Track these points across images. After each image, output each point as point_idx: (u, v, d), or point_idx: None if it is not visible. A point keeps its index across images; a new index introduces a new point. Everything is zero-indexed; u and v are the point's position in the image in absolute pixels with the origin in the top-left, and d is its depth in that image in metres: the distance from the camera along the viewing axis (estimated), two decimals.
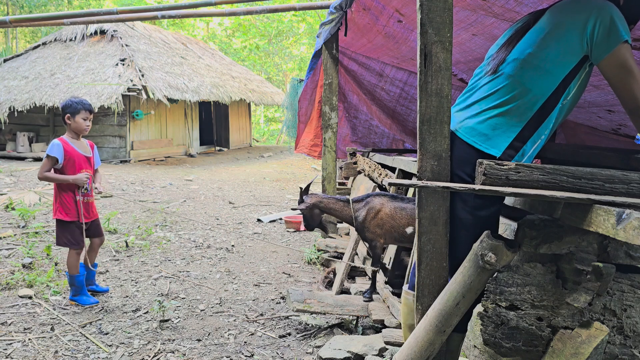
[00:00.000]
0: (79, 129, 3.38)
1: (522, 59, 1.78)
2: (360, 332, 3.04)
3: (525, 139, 1.81)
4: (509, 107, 1.80)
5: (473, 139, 1.83)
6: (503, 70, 1.84)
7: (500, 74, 1.85)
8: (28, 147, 12.50)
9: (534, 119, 1.79)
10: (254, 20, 24.58)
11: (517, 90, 1.78)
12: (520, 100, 1.78)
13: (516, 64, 1.80)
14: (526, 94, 1.77)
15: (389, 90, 5.55)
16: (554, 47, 1.71)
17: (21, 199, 6.50)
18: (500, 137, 1.81)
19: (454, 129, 1.90)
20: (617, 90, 1.69)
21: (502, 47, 1.90)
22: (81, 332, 2.99)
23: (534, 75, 1.75)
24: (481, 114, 1.85)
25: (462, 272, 1.70)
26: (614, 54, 1.62)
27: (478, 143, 1.82)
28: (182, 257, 4.65)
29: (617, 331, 1.76)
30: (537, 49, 1.75)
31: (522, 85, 1.77)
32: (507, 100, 1.80)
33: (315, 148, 6.16)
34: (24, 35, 23.17)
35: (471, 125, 1.86)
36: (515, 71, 1.79)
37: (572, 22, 1.69)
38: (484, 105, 1.86)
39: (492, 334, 1.83)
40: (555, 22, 1.73)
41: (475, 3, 2.65)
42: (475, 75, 2.05)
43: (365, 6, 3.90)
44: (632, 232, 1.31)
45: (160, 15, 5.84)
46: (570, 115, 4.00)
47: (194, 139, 15.29)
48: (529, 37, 1.80)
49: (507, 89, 1.81)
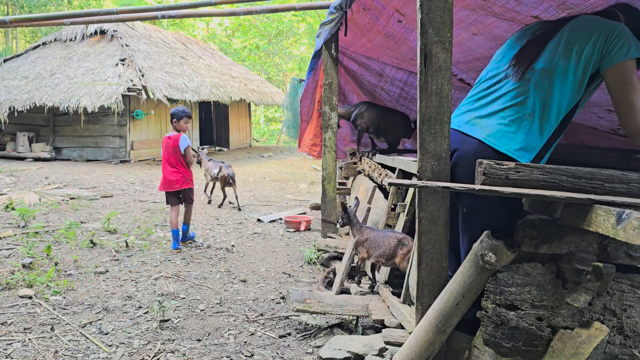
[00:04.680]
0: (182, 129, 4.91)
1: (550, 69, 1.78)
2: (360, 332, 3.04)
3: (548, 148, 1.84)
4: (538, 117, 1.79)
5: (507, 147, 1.80)
6: (531, 79, 1.82)
7: (527, 82, 1.83)
8: (28, 147, 12.51)
9: (557, 129, 1.82)
10: (254, 20, 24.58)
11: (546, 100, 1.78)
12: (549, 110, 1.79)
13: (544, 74, 1.79)
14: (554, 104, 1.78)
15: (389, 90, 5.55)
16: (577, 61, 1.74)
17: (21, 199, 6.50)
18: (532, 146, 1.80)
19: (481, 137, 1.84)
20: (617, 103, 1.71)
21: (523, 53, 1.88)
22: (81, 332, 2.99)
23: (561, 87, 1.77)
24: (513, 124, 1.81)
25: (462, 272, 1.70)
26: (620, 65, 1.66)
27: (511, 151, 1.80)
28: (182, 257, 4.65)
29: (617, 331, 1.76)
30: (564, 62, 1.76)
31: (552, 96, 1.78)
32: (536, 110, 1.79)
33: (315, 148, 6.17)
34: (24, 35, 23.17)
35: (502, 133, 1.82)
36: (544, 81, 1.79)
37: (592, 37, 1.72)
38: (514, 114, 1.82)
39: (492, 334, 1.83)
40: (578, 37, 1.76)
41: (475, 3, 2.65)
42: (487, 77, 2.01)
43: (365, 6, 3.90)
44: (632, 232, 1.31)
45: (160, 15, 5.84)
46: None
47: (193, 139, 15.29)
48: (554, 47, 1.80)
49: (537, 99, 1.80)
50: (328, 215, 5.18)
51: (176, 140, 4.85)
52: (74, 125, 12.71)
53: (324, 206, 5.24)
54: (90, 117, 12.44)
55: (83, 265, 4.21)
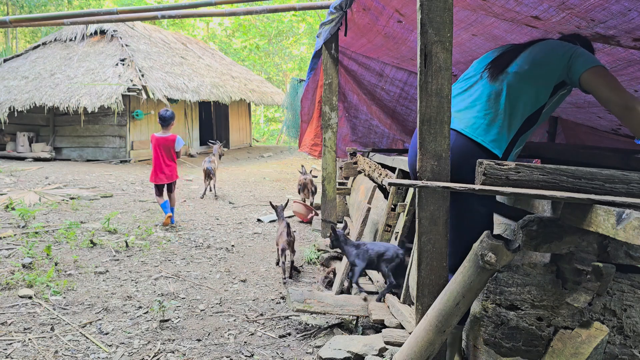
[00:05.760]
0: (170, 130, 5.75)
1: (520, 72, 2.01)
2: (360, 332, 3.04)
3: (514, 143, 2.03)
4: (508, 114, 2.00)
5: (482, 137, 1.98)
6: (504, 80, 2.03)
7: (500, 83, 2.03)
8: (28, 147, 12.50)
9: (522, 128, 2.03)
10: (254, 20, 24.58)
11: (516, 100, 2.00)
12: (517, 110, 2.00)
13: (515, 76, 2.01)
14: (521, 104, 2.00)
15: (389, 90, 5.55)
16: (544, 70, 2.00)
17: (21, 199, 6.50)
18: (502, 139, 1.99)
19: (459, 128, 2.02)
20: (601, 98, 1.91)
21: (499, 59, 2.12)
22: (81, 332, 2.99)
23: (529, 90, 2.00)
24: (487, 117, 2.01)
25: (462, 272, 1.70)
26: (591, 70, 1.89)
27: (486, 142, 1.98)
28: (182, 257, 4.65)
29: (617, 331, 1.76)
30: (533, 68, 2.01)
31: (520, 97, 2.00)
32: (507, 107, 2.00)
33: (315, 147, 6.17)
34: (24, 35, 23.17)
35: (478, 125, 2.01)
36: (514, 83, 2.01)
37: (560, 53, 2.00)
38: (488, 109, 2.02)
39: (492, 334, 1.83)
40: (547, 51, 2.04)
41: (475, 3, 2.65)
42: (465, 78, 2.25)
43: (365, 6, 3.90)
44: (632, 232, 1.31)
45: (160, 15, 5.84)
46: (570, 115, 4.00)
47: (193, 139, 15.29)
48: (525, 56, 2.05)
49: (507, 98, 2.00)
50: (328, 215, 5.18)
51: (172, 140, 5.73)
52: (74, 125, 12.71)
53: (324, 206, 5.24)
54: (90, 117, 12.44)
55: (83, 265, 4.21)
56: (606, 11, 2.12)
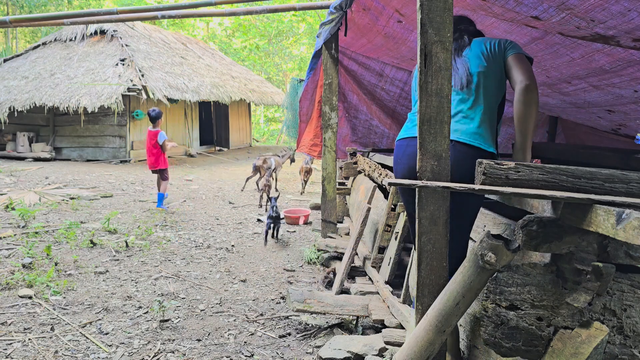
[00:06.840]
0: (158, 126, 6.65)
1: (482, 72, 2.15)
2: (360, 332, 3.04)
3: (496, 136, 2.21)
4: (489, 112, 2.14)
5: (477, 141, 2.07)
6: (471, 82, 2.17)
7: (471, 86, 2.16)
8: (28, 147, 12.50)
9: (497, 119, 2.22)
10: (254, 20, 24.59)
11: (487, 96, 2.14)
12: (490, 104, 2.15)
13: (480, 76, 2.15)
14: (492, 98, 2.15)
15: (389, 90, 5.55)
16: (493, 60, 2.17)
17: (21, 199, 6.50)
18: (492, 137, 2.15)
19: (455, 137, 2.12)
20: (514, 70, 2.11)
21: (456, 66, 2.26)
22: (81, 332, 2.99)
23: (492, 84, 2.16)
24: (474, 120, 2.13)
25: (462, 272, 1.70)
26: (517, 54, 2.14)
27: (482, 144, 2.08)
28: (182, 257, 4.65)
29: (617, 331, 1.76)
30: (488, 64, 2.17)
31: (489, 92, 2.15)
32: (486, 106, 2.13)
33: (315, 147, 6.16)
34: (24, 35, 23.17)
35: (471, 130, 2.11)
36: (481, 82, 2.15)
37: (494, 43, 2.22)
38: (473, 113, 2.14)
39: (492, 334, 1.83)
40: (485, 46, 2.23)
41: (475, 3, 2.65)
42: None
43: (365, 6, 3.90)
44: (632, 232, 1.31)
45: (160, 15, 5.84)
46: (571, 116, 4.00)
47: (193, 139, 15.29)
48: (475, 56, 2.20)
49: (481, 97, 2.14)
50: (328, 215, 5.18)
51: (156, 135, 6.60)
52: (74, 125, 12.71)
53: (324, 206, 5.24)
54: (90, 117, 12.44)
55: (83, 265, 4.21)
56: (606, 11, 2.12)
